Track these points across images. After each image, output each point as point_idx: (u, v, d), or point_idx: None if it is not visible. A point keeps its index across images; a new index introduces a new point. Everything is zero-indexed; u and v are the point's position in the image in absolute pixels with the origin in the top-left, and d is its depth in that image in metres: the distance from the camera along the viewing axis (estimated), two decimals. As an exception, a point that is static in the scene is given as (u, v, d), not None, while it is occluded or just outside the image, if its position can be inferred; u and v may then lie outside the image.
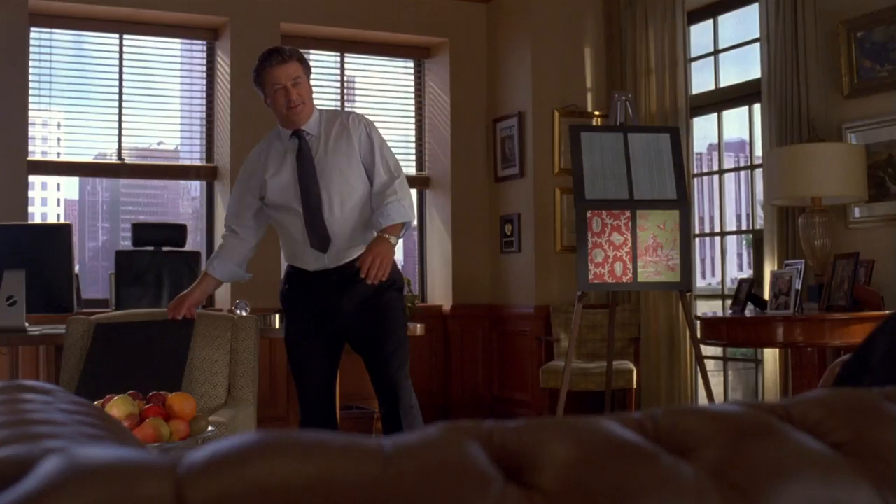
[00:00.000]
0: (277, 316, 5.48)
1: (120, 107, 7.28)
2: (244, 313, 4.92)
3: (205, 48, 7.53)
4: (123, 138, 7.31)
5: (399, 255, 8.23)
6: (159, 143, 7.74)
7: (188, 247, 6.51)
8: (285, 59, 4.15)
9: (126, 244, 6.89)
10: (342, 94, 8.02)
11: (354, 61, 8.11)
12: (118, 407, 2.79)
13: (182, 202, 8.20)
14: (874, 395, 0.98)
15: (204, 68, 7.53)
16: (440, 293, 8.06)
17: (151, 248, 6.31)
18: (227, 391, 4.24)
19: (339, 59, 8.00)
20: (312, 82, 4.15)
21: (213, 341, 4.25)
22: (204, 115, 7.52)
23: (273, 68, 4.13)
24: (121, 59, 7.30)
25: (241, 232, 4.34)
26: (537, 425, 0.78)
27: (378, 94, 8.15)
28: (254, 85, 4.28)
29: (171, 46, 7.55)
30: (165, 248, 6.34)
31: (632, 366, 6.60)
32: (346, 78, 8.08)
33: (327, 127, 4.23)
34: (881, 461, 0.83)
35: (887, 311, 4.77)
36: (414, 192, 8.20)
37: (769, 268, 5.84)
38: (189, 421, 2.91)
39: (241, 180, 4.35)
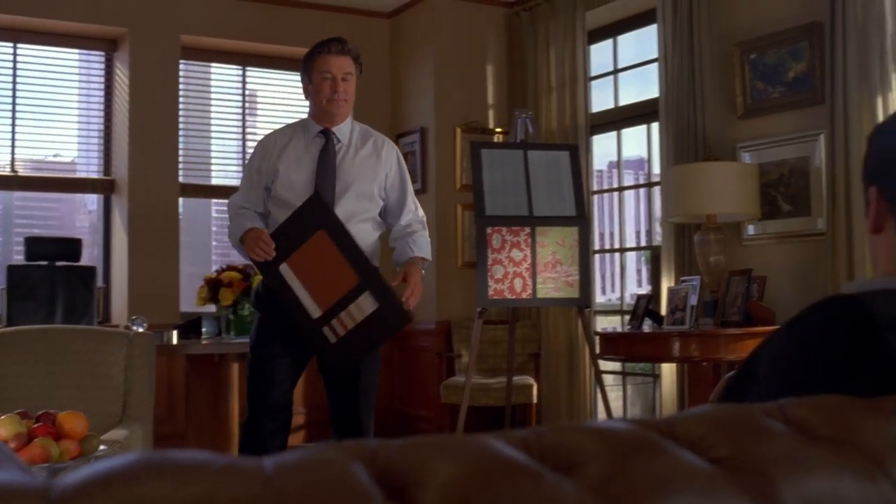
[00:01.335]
0: (175, 332, 5.41)
1: (13, 117, 7.11)
2: (141, 329, 4.83)
3: (103, 59, 7.40)
4: (17, 150, 7.14)
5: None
6: (55, 156, 7.57)
7: (83, 261, 6.39)
8: (344, 51, 4.04)
9: (19, 258, 6.73)
10: (243, 107, 7.95)
11: (256, 75, 8.05)
12: (5, 426, 2.71)
13: (78, 216, 8.03)
14: (755, 410, 1.00)
15: (102, 79, 7.40)
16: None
17: (45, 263, 6.17)
18: (122, 409, 4.15)
19: (240, 72, 7.93)
20: (213, 95, 4.07)
21: (108, 358, 4.17)
22: (102, 127, 7.38)
23: (329, 55, 4.00)
24: (14, 68, 7.13)
25: (260, 214, 4.10)
26: (422, 444, 0.77)
27: (280, 109, 8.09)
28: (301, 69, 4.11)
29: (69, 57, 7.40)
30: (60, 263, 6.20)
31: (532, 381, 6.65)
32: (247, 92, 8.02)
33: (358, 141, 4.10)
34: (760, 476, 0.85)
35: (779, 327, 4.87)
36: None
37: (666, 284, 5.94)
38: (80, 440, 2.84)
39: (253, 165, 4.12)
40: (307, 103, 4.15)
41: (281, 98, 8.11)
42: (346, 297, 3.82)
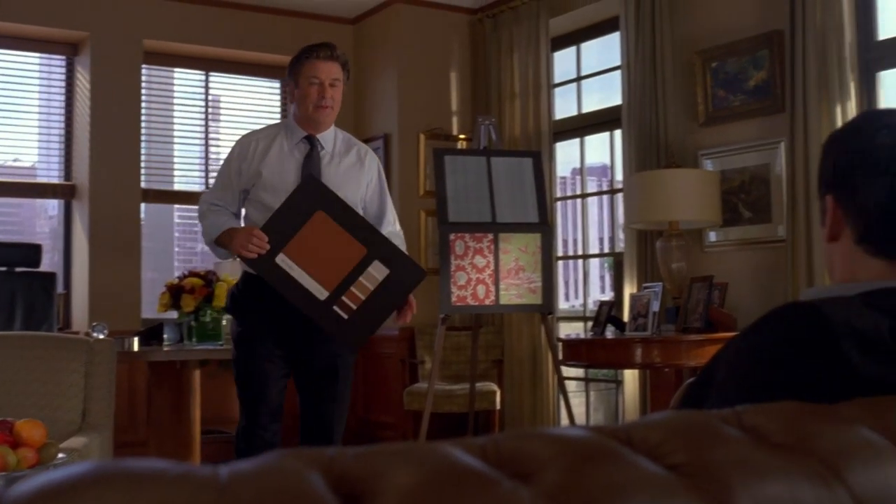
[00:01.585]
0: (136, 339, 5.37)
1: (-28, 122, 7.03)
2: (101, 336, 4.79)
3: (64, 63, 7.34)
4: (-24, 155, 7.07)
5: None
6: (15, 160, 7.50)
7: (43, 267, 6.32)
8: (333, 57, 3.94)
9: (-23, 264, 6.65)
10: (206, 113, 7.92)
11: (219, 80, 8.01)
12: (-38, 434, 2.68)
13: (39, 221, 7.95)
14: (713, 416, 1.01)
15: (63, 84, 7.34)
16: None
17: (4, 269, 6.10)
18: (81, 417, 4.11)
19: (203, 77, 7.89)
20: (176, 100, 4.02)
21: (68, 365, 4.13)
22: (63, 131, 7.32)
23: (318, 61, 3.90)
24: (-26, 72, 7.07)
25: (232, 211, 3.99)
26: (379, 452, 0.77)
27: (243, 114, 8.06)
28: (287, 72, 4.01)
29: (29, 60, 7.33)
30: (19, 269, 6.13)
31: (495, 387, 6.65)
32: (210, 97, 7.98)
33: (342, 148, 4.02)
34: (716, 482, 0.85)
35: (740, 333, 4.91)
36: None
37: (629, 290, 5.97)
38: (38, 448, 2.81)
39: (230, 167, 3.98)
40: (271, 109, 4.11)
41: (244, 104, 8.08)
42: (354, 270, 3.73)
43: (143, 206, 7.35)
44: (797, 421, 1.02)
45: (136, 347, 5.29)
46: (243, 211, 4.04)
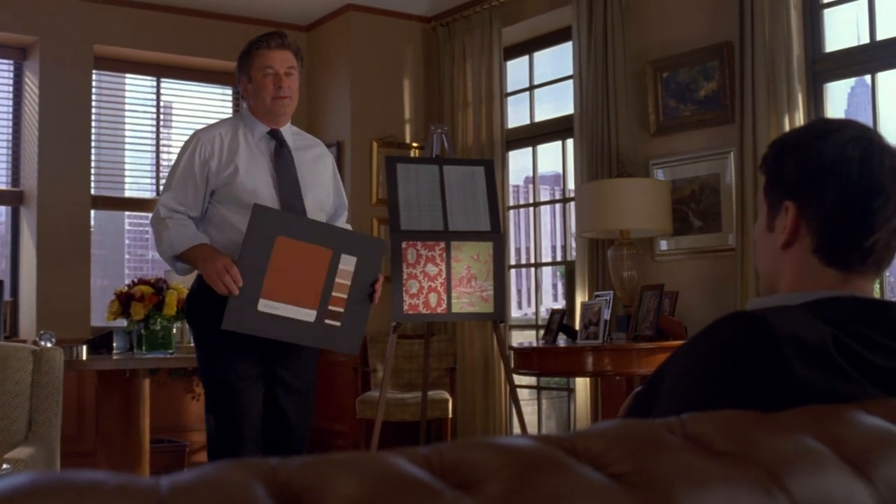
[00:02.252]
0: (85, 347, 5.31)
1: (-82, 127, 6.93)
2: (49, 344, 4.74)
3: (12, 67, 7.25)
4: (-79, 160, 6.96)
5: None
6: (-39, 166, 7.40)
7: (-10, 274, 6.24)
8: (284, 45, 3.69)
9: (-78, 271, 6.55)
10: (158, 119, 7.85)
11: (171, 86, 7.96)
12: None
13: (-15, 228, 7.85)
14: (657, 425, 1.01)
15: (11, 88, 7.25)
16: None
17: (-50, 276, 6.01)
18: (28, 426, 4.06)
19: (155, 83, 7.83)
20: (127, 106, 3.92)
21: (14, 374, 4.07)
22: (10, 137, 7.22)
23: (270, 50, 3.66)
24: (-80, 77, 6.96)
25: (193, 219, 3.66)
26: (323, 462, 0.77)
27: (195, 121, 8.00)
28: (237, 70, 3.79)
29: (-24, 65, 7.25)
30: (-35, 276, 6.05)
31: (447, 395, 6.65)
32: (162, 103, 7.92)
33: (302, 142, 3.81)
34: (659, 491, 0.86)
35: (690, 341, 4.95)
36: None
37: (581, 298, 6.00)
38: (-17, 458, 2.77)
39: (193, 163, 3.62)
40: (223, 115, 4.02)
41: (196, 110, 8.03)
42: (328, 275, 3.56)
43: (92, 212, 7.27)
44: (740, 429, 1.03)
45: (84, 356, 5.23)
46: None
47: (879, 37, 5.13)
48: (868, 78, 5.21)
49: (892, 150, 1.49)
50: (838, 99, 5.45)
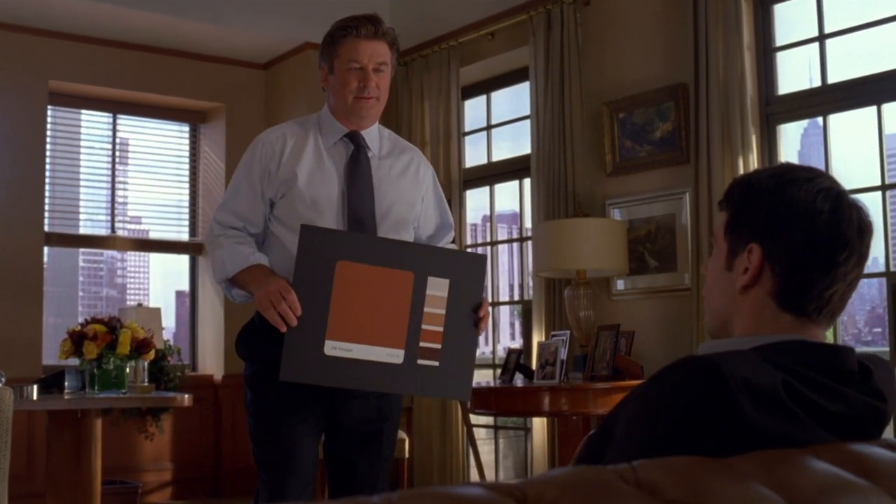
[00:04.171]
0: (35, 387, 5.22)
1: None
2: (-1, 383, 4.66)
3: (-34, 104, 7.19)
4: None
5: (170, 322, 8.02)
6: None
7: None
8: (377, 35, 3.12)
9: None
10: (114, 155, 7.80)
11: (128, 123, 7.92)
12: None
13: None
14: (609, 472, 1.01)
15: (-36, 125, 7.18)
16: (211, 362, 7.88)
17: None
18: (-25, 467, 3.98)
19: (111, 120, 7.79)
20: (83, 142, 3.61)
21: (-38, 414, 4.00)
22: (-37, 173, 7.15)
23: (360, 40, 3.10)
24: None
25: (255, 235, 3.17)
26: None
27: (152, 158, 7.97)
28: (319, 55, 3.27)
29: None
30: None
31: (405, 435, 6.61)
32: (118, 140, 7.87)
33: (391, 149, 3.26)
34: (610, 541, 0.85)
35: (646, 381, 4.96)
36: (186, 258, 8.05)
37: (538, 338, 6.00)
38: (-73, 502, 2.72)
39: (251, 169, 3.14)
40: (180, 152, 3.74)
41: (153, 147, 7.99)
42: (414, 303, 2.93)
43: (46, 249, 7.19)
44: (692, 476, 1.02)
45: (35, 396, 5.15)
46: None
47: (831, 80, 5.22)
48: (820, 120, 5.28)
49: (859, 205, 1.51)
50: (791, 140, 5.52)
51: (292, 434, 3.04)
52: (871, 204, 4.84)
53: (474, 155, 7.39)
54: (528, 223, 6.80)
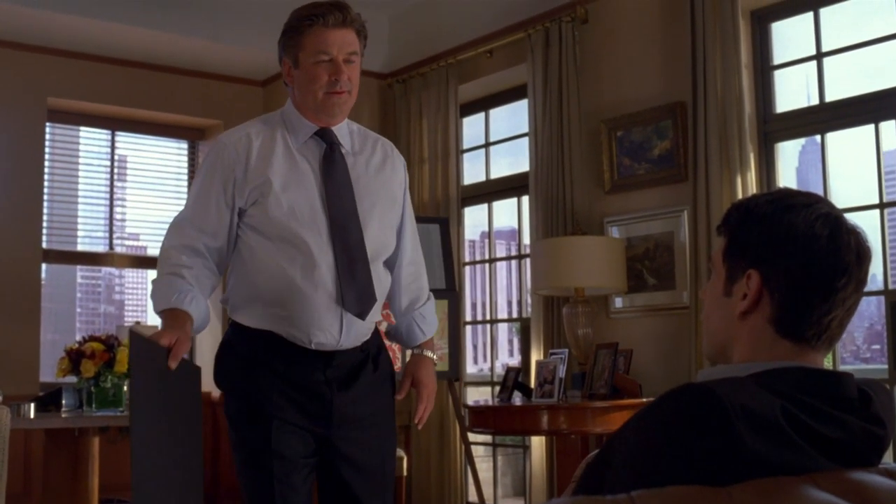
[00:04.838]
0: (33, 405, 5.21)
1: None
2: (-4, 402, 4.65)
3: (-36, 121, 7.19)
4: None
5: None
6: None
7: (-63, 330, 6.14)
8: (347, 23, 2.81)
9: None
10: (112, 172, 7.80)
11: (126, 140, 7.92)
12: None
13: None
14: (607, 503, 1.00)
15: (-38, 142, 7.18)
16: (208, 380, 7.85)
17: None
18: (-29, 486, 3.97)
19: (109, 137, 7.79)
20: (82, 159, 3.41)
21: (-42, 433, 3.99)
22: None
23: (327, 29, 2.78)
24: None
25: (210, 256, 2.80)
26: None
27: (150, 174, 7.97)
28: (280, 47, 2.92)
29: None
30: (-89, 332, 5.95)
31: (402, 453, 6.59)
32: (116, 157, 7.87)
33: (363, 143, 2.98)
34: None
35: (645, 399, 4.96)
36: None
37: (536, 355, 5.99)
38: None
39: (212, 178, 2.80)
40: (179, 170, 3.49)
41: (151, 164, 7.99)
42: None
43: (44, 266, 7.19)
44: (690, 507, 1.02)
45: (32, 414, 5.13)
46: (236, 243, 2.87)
47: (828, 98, 5.22)
48: (818, 138, 5.29)
49: (857, 230, 1.51)
50: (789, 158, 5.53)
51: (285, 476, 2.81)
52: (869, 221, 4.86)
53: (473, 172, 7.39)
54: (526, 239, 6.80)
